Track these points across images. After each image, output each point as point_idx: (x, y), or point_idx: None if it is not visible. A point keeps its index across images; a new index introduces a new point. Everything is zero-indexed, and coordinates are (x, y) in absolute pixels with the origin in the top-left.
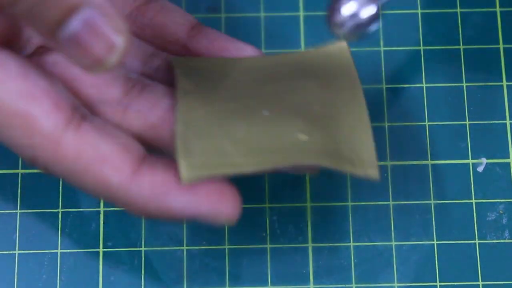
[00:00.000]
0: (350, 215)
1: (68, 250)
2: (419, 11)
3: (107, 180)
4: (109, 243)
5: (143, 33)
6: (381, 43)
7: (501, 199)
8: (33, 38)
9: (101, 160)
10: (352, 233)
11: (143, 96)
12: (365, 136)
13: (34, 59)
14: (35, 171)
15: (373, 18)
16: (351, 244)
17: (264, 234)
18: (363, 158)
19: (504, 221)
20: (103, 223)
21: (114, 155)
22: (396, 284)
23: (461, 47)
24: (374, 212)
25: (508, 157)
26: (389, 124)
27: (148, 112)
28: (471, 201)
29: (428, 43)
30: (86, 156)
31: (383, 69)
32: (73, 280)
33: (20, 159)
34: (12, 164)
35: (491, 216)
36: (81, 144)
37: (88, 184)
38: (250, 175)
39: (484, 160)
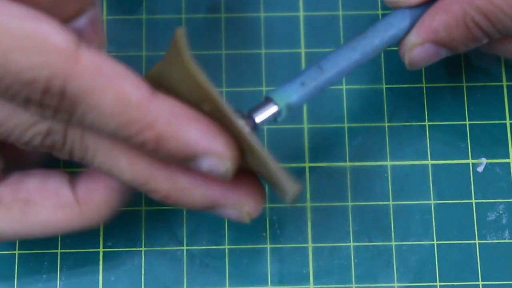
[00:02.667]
0: (350, 215)
1: (68, 250)
2: None
3: (128, 96)
4: (109, 243)
5: None
6: None
7: (501, 199)
8: None
9: (121, 76)
10: (352, 233)
11: None
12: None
13: None
14: None
15: None
16: (351, 244)
17: (264, 234)
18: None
19: (504, 221)
20: (103, 223)
21: (131, 74)
22: (396, 284)
23: None
24: (374, 212)
25: (508, 157)
26: (389, 124)
27: None
28: (471, 201)
29: None
30: (106, 72)
31: (383, 69)
32: (73, 280)
33: None
34: None
35: (491, 216)
36: (99, 60)
37: (106, 103)
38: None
39: (484, 160)
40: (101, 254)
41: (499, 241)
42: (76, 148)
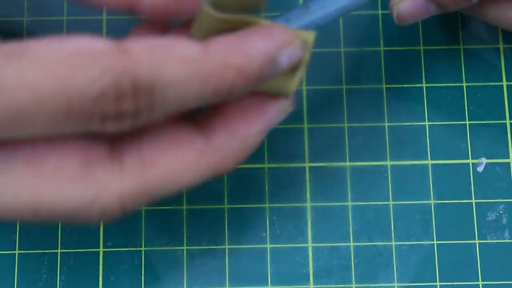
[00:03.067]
0: (350, 215)
1: (68, 250)
2: None
3: (189, 54)
4: (109, 243)
5: None
6: (381, 43)
7: (501, 199)
8: None
9: (172, 44)
10: (352, 233)
11: None
12: None
13: None
14: None
15: None
16: (351, 244)
17: (264, 234)
18: None
19: (504, 221)
20: (103, 223)
21: (178, 38)
22: (396, 284)
23: (461, 47)
24: (374, 212)
25: (508, 157)
26: (389, 124)
27: None
28: (471, 201)
29: (428, 43)
30: (158, 47)
31: (383, 69)
32: (73, 280)
33: None
34: None
35: (491, 216)
36: (145, 42)
37: (177, 71)
38: None
39: (484, 160)
40: (101, 254)
41: (499, 241)
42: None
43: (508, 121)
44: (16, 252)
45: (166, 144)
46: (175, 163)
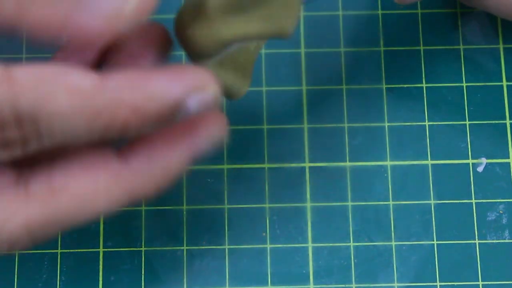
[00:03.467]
0: (350, 215)
1: (68, 250)
2: (419, 11)
3: (79, 86)
4: (109, 243)
5: None
6: (381, 43)
7: (501, 199)
8: None
9: (65, 73)
10: (352, 233)
11: None
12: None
13: None
14: None
15: None
16: (351, 244)
17: (264, 234)
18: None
19: (504, 221)
20: (103, 223)
21: (75, 68)
22: (396, 284)
23: (461, 47)
24: (374, 212)
25: (508, 157)
26: (389, 124)
27: None
28: (471, 201)
29: (428, 43)
30: (48, 76)
31: (383, 69)
32: (73, 280)
33: None
34: None
35: (491, 216)
36: (35, 70)
37: (62, 102)
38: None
39: (484, 160)
40: (101, 254)
41: (499, 241)
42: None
43: (508, 121)
44: (16, 252)
45: (77, 169)
46: (86, 187)
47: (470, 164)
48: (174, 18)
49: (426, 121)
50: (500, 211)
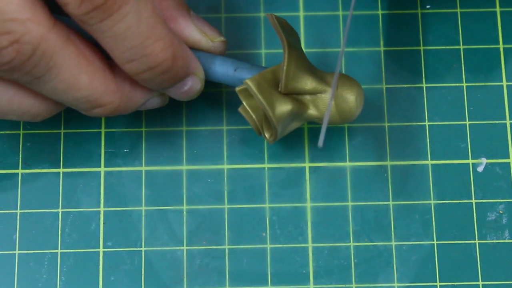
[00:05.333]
0: (350, 215)
1: (68, 250)
2: (419, 11)
3: None
4: (109, 243)
5: None
6: (381, 43)
7: (501, 199)
8: None
9: None
10: (352, 233)
11: None
12: None
13: None
14: (35, 171)
15: None
16: (351, 244)
17: (264, 234)
18: None
19: (504, 221)
20: (103, 223)
21: None
22: (396, 284)
23: (461, 47)
24: (374, 212)
25: (508, 157)
26: (389, 124)
27: None
28: (471, 201)
29: (428, 43)
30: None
31: (383, 69)
32: (73, 280)
33: (20, 159)
34: (12, 164)
35: (491, 216)
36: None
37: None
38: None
39: (484, 160)
40: (101, 254)
41: (499, 241)
42: (41, 65)
43: (508, 121)
44: (16, 252)
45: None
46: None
47: (470, 164)
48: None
49: (426, 121)
50: (500, 211)
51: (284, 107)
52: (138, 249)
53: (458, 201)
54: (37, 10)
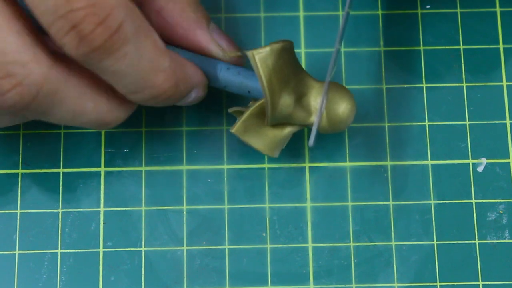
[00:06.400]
0: (350, 215)
1: (68, 250)
2: (419, 11)
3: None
4: (109, 243)
5: None
6: (381, 43)
7: (501, 199)
8: None
9: None
10: (352, 233)
11: None
12: None
13: None
14: (35, 171)
15: None
16: (351, 244)
17: (264, 234)
18: None
19: (504, 221)
20: (103, 223)
21: None
22: (396, 284)
23: (461, 47)
24: (374, 212)
25: (508, 157)
26: (389, 124)
27: None
28: (471, 201)
29: (428, 43)
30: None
31: (383, 69)
32: (73, 280)
33: (20, 159)
34: (12, 164)
35: (491, 216)
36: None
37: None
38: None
39: (484, 160)
40: (101, 254)
41: (499, 241)
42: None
43: (508, 121)
44: (16, 252)
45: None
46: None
47: (470, 164)
48: None
49: (426, 121)
50: (500, 211)
51: (278, 137)
52: (138, 249)
53: (458, 201)
54: (38, 49)
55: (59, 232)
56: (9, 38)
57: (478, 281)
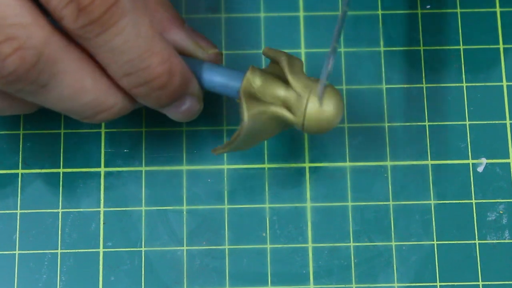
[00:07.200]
0: (350, 215)
1: (68, 250)
2: (419, 11)
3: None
4: (109, 243)
5: None
6: (381, 43)
7: (501, 199)
8: None
9: None
10: (352, 233)
11: None
12: None
13: None
14: (35, 171)
15: None
16: (351, 244)
17: (264, 234)
18: None
19: (504, 221)
20: (103, 223)
21: None
22: (396, 284)
23: (461, 47)
24: (374, 212)
25: (508, 157)
26: (389, 124)
27: None
28: (471, 201)
29: (428, 43)
30: None
31: (383, 69)
32: (73, 280)
33: (20, 159)
34: (12, 164)
35: (491, 216)
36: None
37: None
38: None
39: (484, 160)
40: (101, 254)
41: (499, 241)
42: (45, 72)
43: (508, 121)
44: (16, 252)
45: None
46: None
47: (470, 164)
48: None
49: (426, 121)
50: (500, 211)
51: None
52: (138, 249)
53: (458, 201)
54: (38, 13)
55: (59, 232)
56: (8, 1)
57: (478, 281)
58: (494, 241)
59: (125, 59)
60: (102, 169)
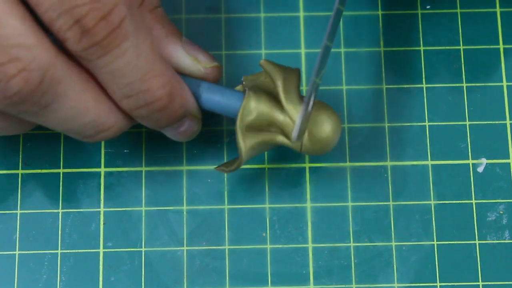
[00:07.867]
0: (350, 215)
1: (68, 250)
2: (419, 11)
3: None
4: (109, 243)
5: None
6: (381, 43)
7: (501, 199)
8: None
9: None
10: (352, 233)
11: None
12: None
13: None
14: (35, 171)
15: None
16: (351, 244)
17: (264, 234)
18: None
19: (504, 221)
20: (103, 223)
21: None
22: (396, 284)
23: (461, 47)
24: (374, 212)
25: (508, 157)
26: (389, 124)
27: None
28: (471, 201)
29: (428, 43)
30: None
31: (383, 69)
32: (73, 280)
33: (20, 159)
34: (12, 164)
35: (491, 216)
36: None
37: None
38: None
39: (484, 160)
40: (101, 254)
41: (499, 241)
42: (49, 93)
43: (508, 121)
44: (16, 252)
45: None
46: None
47: (470, 164)
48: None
49: (426, 121)
50: (500, 212)
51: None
52: (138, 249)
53: (458, 202)
54: (43, 35)
55: (59, 232)
56: (13, 22)
57: (478, 281)
58: (494, 241)
59: (125, 81)
60: (102, 169)
